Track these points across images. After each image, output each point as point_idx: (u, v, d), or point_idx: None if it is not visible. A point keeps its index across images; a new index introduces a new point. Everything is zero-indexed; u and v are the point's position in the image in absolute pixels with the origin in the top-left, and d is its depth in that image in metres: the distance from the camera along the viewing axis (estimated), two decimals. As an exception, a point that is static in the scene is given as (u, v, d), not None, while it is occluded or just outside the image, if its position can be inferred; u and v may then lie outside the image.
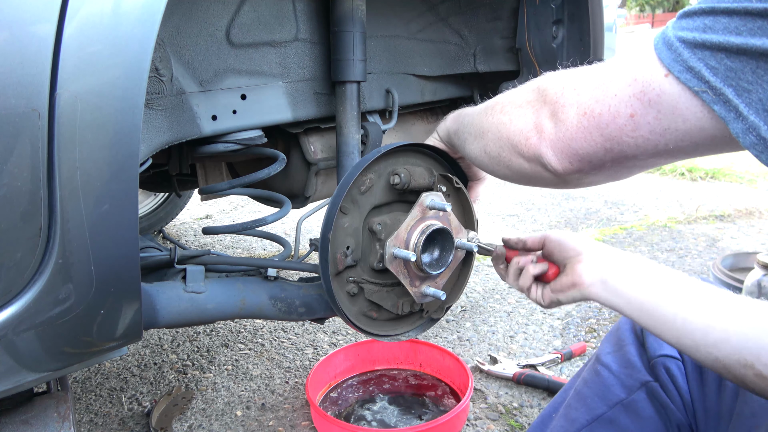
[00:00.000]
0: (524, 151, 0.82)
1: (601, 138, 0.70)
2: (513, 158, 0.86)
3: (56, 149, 0.70)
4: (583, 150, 0.73)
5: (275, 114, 1.23)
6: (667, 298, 0.80)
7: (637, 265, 0.85)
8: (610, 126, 0.68)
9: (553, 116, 0.75)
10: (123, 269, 0.80)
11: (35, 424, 0.89)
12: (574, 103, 0.72)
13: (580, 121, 0.71)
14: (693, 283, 0.82)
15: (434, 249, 1.10)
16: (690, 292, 0.80)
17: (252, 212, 3.80)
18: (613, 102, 0.67)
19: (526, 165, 0.84)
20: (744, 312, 0.77)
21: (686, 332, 0.78)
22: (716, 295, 0.79)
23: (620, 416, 0.90)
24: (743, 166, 4.65)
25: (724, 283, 2.15)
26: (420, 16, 1.48)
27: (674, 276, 0.83)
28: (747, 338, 0.74)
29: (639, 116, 0.64)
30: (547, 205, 3.84)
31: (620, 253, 0.89)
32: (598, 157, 0.72)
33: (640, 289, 0.82)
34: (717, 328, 0.76)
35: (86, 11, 0.69)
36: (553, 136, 0.76)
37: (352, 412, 1.62)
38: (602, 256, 0.88)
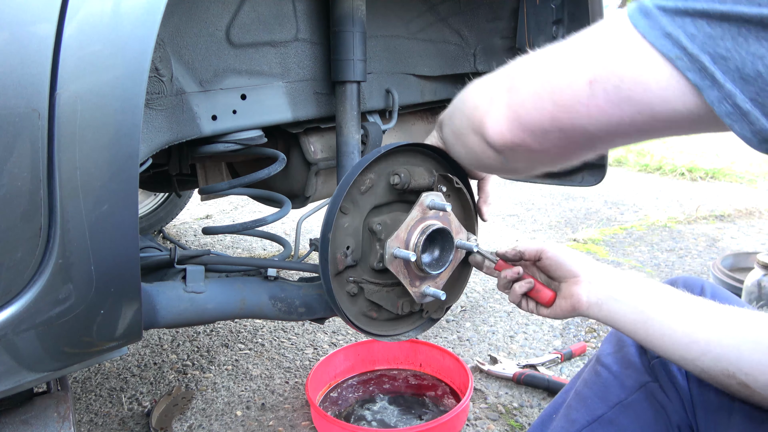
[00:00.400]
0: (474, 123, 0.79)
1: (551, 105, 0.65)
2: (468, 134, 0.83)
3: (56, 149, 0.70)
4: (528, 117, 0.68)
5: (275, 114, 1.23)
6: (655, 316, 0.85)
7: (629, 284, 0.91)
8: (565, 92, 0.63)
9: (510, 86, 0.72)
10: (123, 269, 0.80)
11: (35, 424, 0.89)
12: (533, 70, 0.69)
13: (534, 87, 0.67)
14: (679, 297, 0.86)
15: (434, 249, 1.10)
16: (675, 307, 0.85)
17: (252, 212, 3.80)
18: (573, 68, 0.63)
19: (475, 140, 0.80)
20: (724, 323, 0.80)
21: (674, 346, 0.83)
22: (699, 307, 0.83)
23: (620, 417, 0.90)
24: (743, 166, 4.65)
25: (724, 283, 2.15)
26: (420, 16, 1.48)
27: (663, 291, 0.88)
28: (727, 349, 0.78)
29: (598, 83, 0.60)
30: (547, 205, 3.84)
31: (614, 273, 0.94)
32: (543, 127, 0.67)
33: (632, 309, 0.88)
34: (700, 340, 0.80)
35: (86, 11, 0.69)
36: (502, 104, 0.72)
37: (352, 412, 1.62)
38: (598, 279, 0.94)
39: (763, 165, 4.69)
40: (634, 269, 2.67)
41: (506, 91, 0.72)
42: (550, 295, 0.99)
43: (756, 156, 5.01)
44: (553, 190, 4.15)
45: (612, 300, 0.90)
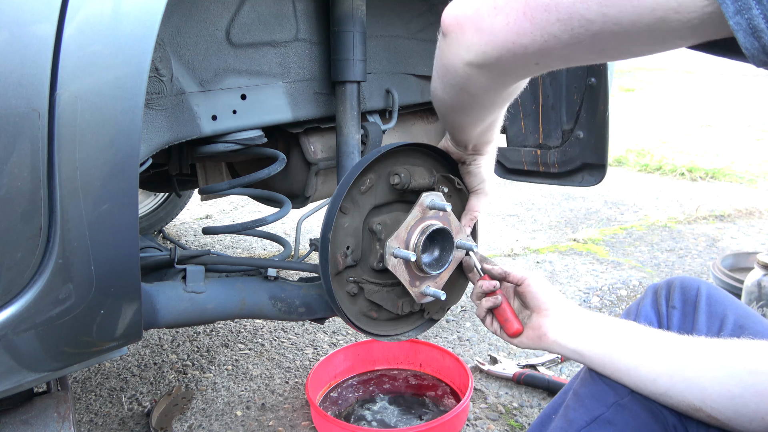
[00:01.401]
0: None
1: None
2: (438, 41, 0.78)
3: (56, 149, 0.70)
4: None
5: (275, 114, 1.23)
6: (620, 356, 0.88)
7: (595, 324, 0.95)
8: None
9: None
10: (123, 269, 0.80)
11: (35, 424, 0.89)
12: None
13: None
14: (642, 334, 0.89)
15: (434, 249, 1.10)
16: (639, 344, 0.87)
17: (252, 212, 3.80)
18: None
19: (438, 41, 0.76)
20: (686, 356, 0.82)
21: (642, 383, 0.86)
22: (662, 343, 0.86)
23: (618, 417, 0.90)
24: (743, 166, 4.65)
25: (724, 283, 2.15)
26: (420, 16, 1.48)
27: (625, 330, 0.91)
28: (690, 383, 0.80)
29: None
30: (547, 205, 3.84)
31: (581, 313, 0.98)
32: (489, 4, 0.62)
33: (598, 348, 0.91)
34: (663, 376, 0.83)
35: (86, 11, 0.69)
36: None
37: (352, 412, 1.62)
38: (567, 316, 0.98)
39: (763, 165, 4.69)
40: (634, 269, 2.68)
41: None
42: (516, 327, 1.03)
43: (756, 156, 5.01)
44: (553, 190, 4.15)
45: (579, 338, 0.94)
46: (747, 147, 5.48)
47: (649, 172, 4.79)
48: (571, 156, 1.72)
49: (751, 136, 6.10)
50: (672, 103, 8.36)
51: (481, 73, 0.73)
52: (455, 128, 1.02)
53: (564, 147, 1.72)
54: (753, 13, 0.47)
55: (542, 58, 0.65)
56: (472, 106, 0.88)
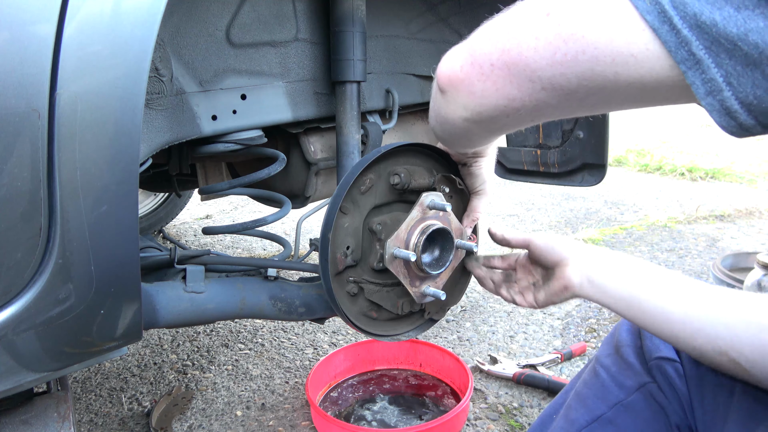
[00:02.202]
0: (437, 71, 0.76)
1: (504, 36, 0.61)
2: (434, 89, 0.79)
3: (56, 149, 0.70)
4: (479, 50, 0.64)
5: (275, 114, 1.23)
6: (649, 293, 0.84)
7: (621, 262, 0.90)
8: (519, 24, 0.60)
9: (474, 33, 0.69)
10: (123, 269, 0.80)
11: (35, 424, 0.89)
12: (495, 19, 0.65)
13: (491, 25, 0.65)
14: (673, 276, 0.85)
15: (434, 249, 1.10)
16: (670, 285, 0.84)
17: (252, 212, 3.80)
18: (533, 4, 0.59)
19: (434, 89, 0.77)
20: (719, 302, 0.80)
21: (668, 324, 0.82)
22: (694, 287, 0.82)
23: (620, 417, 0.90)
24: (743, 166, 4.65)
25: (724, 283, 2.15)
26: (420, 16, 1.48)
27: (656, 270, 0.87)
28: (721, 327, 0.77)
29: (553, 16, 0.56)
30: (547, 205, 3.84)
31: (604, 252, 0.93)
32: (491, 60, 0.63)
33: (624, 286, 0.86)
34: (694, 318, 0.79)
35: (86, 11, 0.69)
36: (461, 45, 0.69)
37: (352, 412, 1.62)
38: (588, 258, 0.92)
39: (763, 165, 4.69)
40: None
41: (470, 37, 0.69)
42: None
43: (756, 156, 5.01)
44: (553, 190, 4.15)
45: (604, 279, 0.89)
46: (747, 147, 5.48)
47: (649, 172, 4.79)
48: (571, 156, 1.72)
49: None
50: (672, 103, 8.35)
51: (479, 128, 0.75)
52: (452, 148, 1.04)
53: (564, 147, 1.72)
54: (725, 95, 0.47)
55: (536, 115, 0.66)
56: (472, 145, 0.90)
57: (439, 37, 1.54)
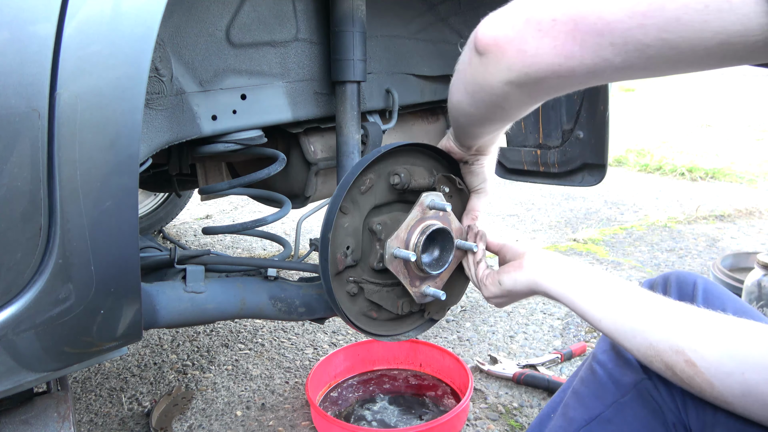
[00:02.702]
0: (471, 37, 0.73)
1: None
2: (462, 56, 0.77)
3: (56, 149, 0.70)
4: (533, 4, 0.62)
5: (275, 114, 1.23)
6: (606, 291, 0.85)
7: (575, 261, 0.93)
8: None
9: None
10: (123, 269, 0.80)
11: (35, 424, 0.89)
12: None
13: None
14: (623, 285, 0.86)
15: (434, 249, 1.10)
16: (622, 287, 0.85)
17: (252, 212, 3.80)
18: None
19: (464, 55, 0.75)
20: (676, 305, 0.79)
21: (623, 318, 0.81)
22: (648, 293, 0.83)
23: (618, 415, 0.90)
24: (743, 166, 4.65)
25: (724, 283, 2.15)
26: (420, 16, 1.48)
27: (607, 279, 0.88)
28: (677, 326, 0.76)
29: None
30: (547, 205, 3.84)
31: (558, 255, 0.97)
32: (552, 16, 0.60)
33: (580, 278, 0.88)
34: (650, 316, 0.79)
35: (86, 11, 0.69)
36: (509, 5, 0.66)
37: (352, 412, 1.62)
38: (548, 253, 0.97)
39: (763, 165, 4.69)
40: (634, 269, 2.68)
41: (513, 1, 0.66)
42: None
43: (756, 156, 5.01)
44: (553, 190, 4.15)
45: (555, 266, 0.91)
46: (747, 147, 5.49)
47: (649, 172, 4.79)
48: (571, 156, 1.72)
49: (751, 136, 6.10)
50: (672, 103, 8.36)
51: (521, 92, 0.72)
52: (469, 134, 1.01)
53: (564, 147, 1.72)
54: None
55: (588, 78, 0.64)
56: (499, 119, 0.87)
57: (439, 37, 1.54)
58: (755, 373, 0.69)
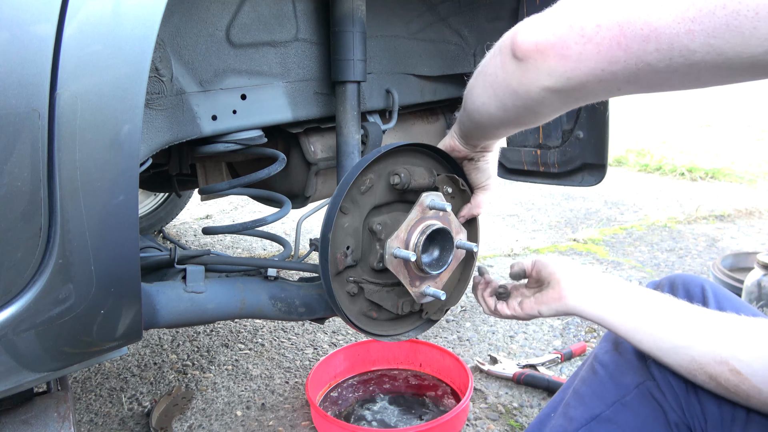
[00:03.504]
0: (504, 41, 0.73)
1: (614, 1, 0.59)
2: (491, 61, 0.78)
3: (56, 149, 0.70)
4: (579, 12, 0.63)
5: (275, 114, 1.23)
6: (644, 310, 0.86)
7: (611, 280, 0.94)
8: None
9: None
10: (123, 269, 0.80)
11: (35, 424, 0.89)
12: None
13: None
14: (664, 299, 0.87)
15: (434, 249, 1.10)
16: (661, 306, 0.86)
17: (252, 212, 3.80)
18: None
19: (496, 61, 0.76)
20: (716, 314, 0.81)
21: (665, 333, 0.82)
22: (686, 304, 0.85)
23: (618, 415, 0.90)
24: (743, 166, 4.65)
25: (724, 283, 2.15)
26: (420, 16, 1.48)
27: (646, 293, 0.90)
28: (720, 334, 0.77)
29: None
30: (547, 205, 3.84)
31: (598, 273, 0.97)
32: (596, 22, 0.61)
33: (618, 300, 0.89)
34: (692, 329, 0.80)
35: (86, 11, 0.69)
36: (547, 11, 0.67)
37: (352, 412, 1.62)
38: (585, 276, 0.96)
39: (763, 165, 4.69)
40: (634, 269, 2.68)
41: (555, 5, 0.66)
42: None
43: (756, 156, 5.01)
44: (553, 190, 4.15)
45: (597, 294, 0.92)
46: (747, 147, 5.49)
47: (649, 172, 4.79)
48: (571, 156, 1.72)
49: (751, 136, 6.10)
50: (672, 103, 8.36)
51: (558, 98, 0.73)
52: (488, 135, 1.01)
53: (564, 147, 1.72)
54: None
55: (628, 84, 0.65)
56: (529, 122, 0.88)
57: (439, 37, 1.54)
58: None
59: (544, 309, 0.99)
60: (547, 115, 0.83)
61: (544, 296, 0.99)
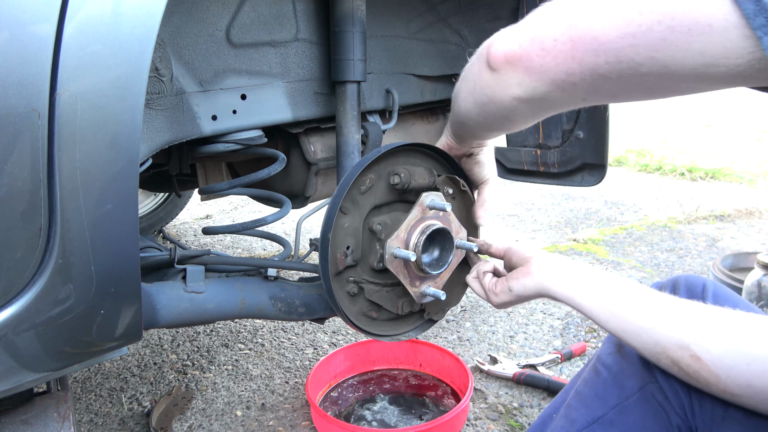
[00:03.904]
0: (481, 50, 0.77)
1: (570, 16, 0.63)
2: (471, 67, 0.82)
3: (56, 149, 0.70)
4: (540, 26, 0.66)
5: (275, 114, 1.23)
6: (612, 292, 0.87)
7: (580, 264, 0.95)
8: (588, 2, 0.61)
9: (529, 16, 0.71)
10: (123, 269, 0.80)
11: (35, 424, 0.89)
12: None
13: (550, 5, 0.66)
14: (625, 283, 0.88)
15: (434, 249, 1.10)
16: (626, 287, 0.86)
17: (252, 212, 3.80)
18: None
19: (475, 68, 0.79)
20: (680, 301, 0.81)
21: (630, 316, 0.83)
22: (653, 291, 0.85)
23: (621, 418, 0.90)
24: (743, 166, 4.65)
25: (724, 283, 2.15)
26: (420, 16, 1.48)
27: (612, 278, 0.90)
28: (685, 320, 0.78)
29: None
30: (547, 205, 3.84)
31: (565, 257, 0.99)
32: (553, 36, 0.64)
33: (586, 281, 0.90)
34: (655, 313, 0.80)
35: (86, 11, 0.69)
36: (517, 25, 0.70)
37: (352, 412, 1.62)
38: (555, 257, 0.98)
39: (763, 165, 4.69)
40: (634, 269, 2.68)
41: (526, 18, 0.70)
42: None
43: (756, 156, 5.01)
44: (553, 190, 4.15)
45: (565, 271, 0.93)
46: (747, 147, 5.49)
47: (649, 172, 4.79)
48: (571, 156, 1.72)
49: (751, 136, 6.10)
50: (672, 103, 8.36)
51: (528, 107, 0.76)
52: (477, 137, 1.05)
53: (564, 147, 1.72)
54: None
55: (591, 95, 0.68)
56: (507, 128, 0.92)
57: (439, 37, 1.54)
58: (759, 364, 0.70)
59: (514, 284, 1.00)
60: (521, 123, 0.87)
61: (515, 273, 1.01)
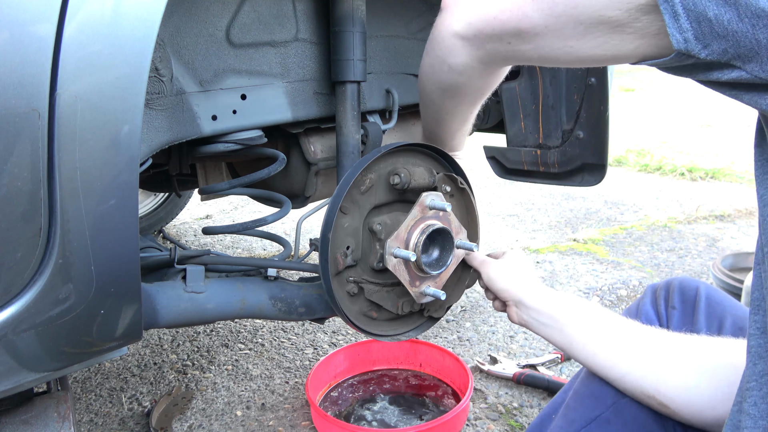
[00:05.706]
0: (439, 23, 0.85)
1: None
2: (433, 42, 0.89)
3: (56, 149, 0.70)
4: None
5: (275, 114, 1.23)
6: (579, 338, 0.92)
7: (556, 303, 1.00)
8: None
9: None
10: (123, 269, 0.80)
11: (35, 424, 0.89)
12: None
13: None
14: (603, 318, 0.92)
15: (434, 249, 1.10)
16: (599, 329, 0.91)
17: (252, 212, 3.80)
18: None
19: (440, 42, 0.86)
20: (645, 346, 0.85)
21: (598, 368, 0.89)
22: (622, 329, 0.89)
23: (617, 416, 0.90)
24: (743, 166, 4.65)
25: (724, 283, 2.15)
26: (420, 16, 1.48)
27: (587, 312, 0.95)
28: (645, 372, 0.83)
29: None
30: (547, 205, 3.84)
31: (542, 293, 1.03)
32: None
33: (558, 331, 0.97)
34: (620, 364, 0.86)
35: (86, 11, 0.69)
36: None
37: (352, 412, 1.62)
38: (527, 300, 1.03)
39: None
40: (634, 269, 2.68)
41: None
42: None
43: (756, 156, 5.00)
44: (553, 190, 4.15)
45: (538, 321, 1.00)
46: (747, 147, 5.48)
47: (649, 172, 4.79)
48: (571, 156, 1.72)
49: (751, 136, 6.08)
50: (672, 103, 8.36)
51: (463, 47, 0.82)
52: (442, 134, 1.12)
53: (564, 147, 1.72)
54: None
55: (515, 38, 0.73)
56: (452, 92, 0.97)
57: (439, 37, 1.54)
58: (724, 405, 0.73)
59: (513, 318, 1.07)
60: (460, 76, 0.91)
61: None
